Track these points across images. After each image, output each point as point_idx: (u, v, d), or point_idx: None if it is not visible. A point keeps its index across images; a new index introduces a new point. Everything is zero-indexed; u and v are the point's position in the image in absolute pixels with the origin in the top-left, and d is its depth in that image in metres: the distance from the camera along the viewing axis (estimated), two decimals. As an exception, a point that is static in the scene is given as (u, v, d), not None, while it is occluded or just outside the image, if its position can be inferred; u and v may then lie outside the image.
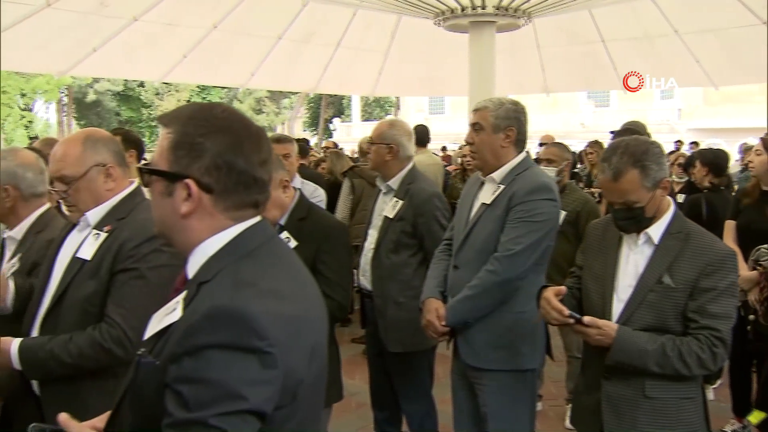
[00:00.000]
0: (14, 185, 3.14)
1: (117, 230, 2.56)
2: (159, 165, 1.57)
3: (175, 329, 1.47)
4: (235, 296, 1.44)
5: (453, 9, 10.06)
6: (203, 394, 1.36)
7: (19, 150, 3.36)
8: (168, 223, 1.61)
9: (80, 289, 2.53)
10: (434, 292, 3.53)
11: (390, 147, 4.09)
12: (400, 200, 4.06)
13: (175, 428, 1.36)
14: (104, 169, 2.64)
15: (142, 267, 2.50)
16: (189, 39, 12.33)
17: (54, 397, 2.50)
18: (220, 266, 1.53)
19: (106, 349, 2.44)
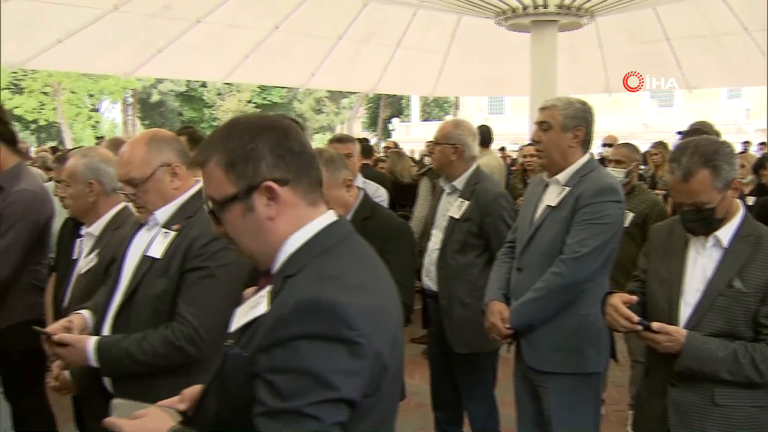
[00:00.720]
0: (98, 180, 3.25)
1: (185, 229, 2.59)
2: (223, 193, 1.57)
3: (263, 322, 1.49)
4: (323, 288, 1.47)
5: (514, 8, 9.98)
6: (296, 383, 1.39)
7: (97, 147, 3.46)
8: (259, 240, 1.60)
9: (151, 287, 2.56)
10: (497, 295, 3.48)
11: (455, 147, 4.06)
12: (465, 200, 4.03)
13: (269, 417, 1.40)
14: (170, 168, 2.67)
15: (211, 265, 2.52)
16: (251, 40, 12.48)
17: (127, 395, 2.52)
18: (304, 261, 1.55)
19: (179, 347, 2.48)
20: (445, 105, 51.81)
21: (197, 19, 11.42)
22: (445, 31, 13.79)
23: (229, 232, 1.61)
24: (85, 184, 3.25)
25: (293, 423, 1.38)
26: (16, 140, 4.04)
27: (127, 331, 2.55)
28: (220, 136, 1.60)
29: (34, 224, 3.93)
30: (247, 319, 1.56)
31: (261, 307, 1.54)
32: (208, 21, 11.48)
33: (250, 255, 1.63)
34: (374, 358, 1.47)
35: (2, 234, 3.85)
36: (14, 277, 3.93)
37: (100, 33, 10.81)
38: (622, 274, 4.58)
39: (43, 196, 4.02)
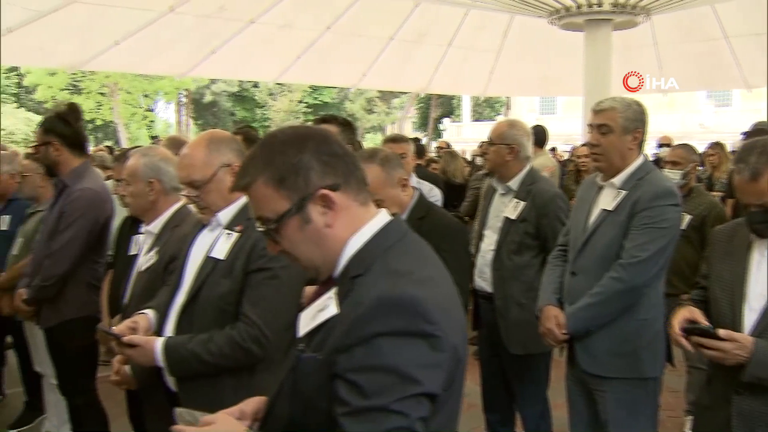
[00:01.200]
0: (158, 179, 3.31)
1: (248, 230, 2.61)
2: (276, 211, 1.57)
3: (336, 323, 1.50)
4: (398, 284, 1.48)
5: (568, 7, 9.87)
6: (380, 381, 1.39)
7: (157, 147, 3.52)
8: (320, 249, 1.61)
9: (215, 288, 2.59)
10: (551, 299, 3.44)
11: (511, 147, 4.03)
12: (521, 201, 3.99)
13: (355, 416, 1.39)
14: (230, 169, 2.69)
15: (275, 266, 2.54)
16: (303, 40, 12.55)
17: (191, 393, 2.58)
18: (370, 260, 1.57)
19: (245, 348, 2.50)
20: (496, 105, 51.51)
21: (251, 19, 11.53)
22: (497, 31, 13.70)
23: (288, 247, 1.61)
24: (145, 182, 3.31)
25: (380, 420, 1.38)
26: (80, 142, 4.15)
27: (190, 331, 2.58)
28: (260, 155, 1.60)
29: (94, 222, 4.03)
30: (317, 322, 1.56)
31: (330, 310, 1.55)
32: (262, 22, 11.58)
33: (312, 266, 1.63)
34: (451, 351, 1.49)
35: (62, 231, 3.97)
36: (71, 273, 4.03)
37: (156, 34, 10.99)
38: (679, 278, 4.49)
39: (104, 196, 4.13)
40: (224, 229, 2.68)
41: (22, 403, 5.50)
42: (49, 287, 4.02)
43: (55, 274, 4.00)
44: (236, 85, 48.78)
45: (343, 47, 12.96)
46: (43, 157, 4.15)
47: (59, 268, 3.99)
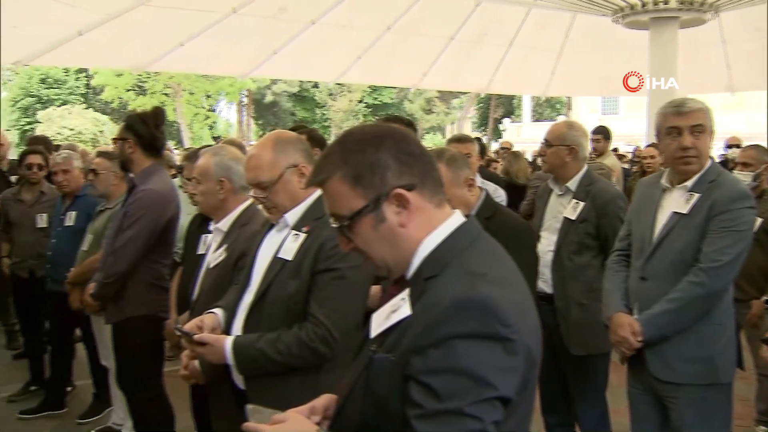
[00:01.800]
0: (228, 178, 3.37)
1: (315, 230, 2.63)
2: (351, 208, 1.56)
3: (410, 324, 1.49)
4: (473, 286, 1.46)
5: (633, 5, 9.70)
6: (454, 384, 1.38)
7: (226, 146, 3.59)
8: (393, 248, 1.60)
9: (283, 288, 2.61)
10: (621, 306, 3.34)
11: (570, 148, 3.99)
12: (580, 202, 3.96)
13: (428, 419, 1.38)
14: (297, 169, 2.71)
15: (342, 267, 2.55)
16: (363, 41, 12.61)
17: (259, 391, 2.60)
18: (444, 261, 1.55)
19: (313, 348, 2.52)
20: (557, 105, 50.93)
21: (311, 20, 11.63)
22: (559, 30, 13.54)
23: (361, 245, 1.60)
24: (216, 181, 3.37)
25: (454, 424, 1.37)
26: (155, 144, 4.26)
27: (258, 330, 2.61)
28: (337, 152, 1.59)
29: (155, 223, 4.11)
30: (390, 323, 1.56)
31: (403, 311, 1.54)
32: (322, 22, 11.67)
33: (385, 265, 1.62)
34: (525, 353, 1.47)
35: (124, 230, 4.06)
36: (131, 271, 4.12)
37: (218, 36, 11.17)
38: (749, 283, 4.37)
39: (168, 197, 4.21)
40: (292, 230, 2.69)
41: (91, 395, 5.64)
42: (110, 284, 4.11)
43: (116, 272, 4.09)
44: (297, 85, 49.20)
45: (403, 47, 12.97)
46: (119, 152, 4.29)
47: (119, 266, 4.08)
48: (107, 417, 5.33)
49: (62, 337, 5.69)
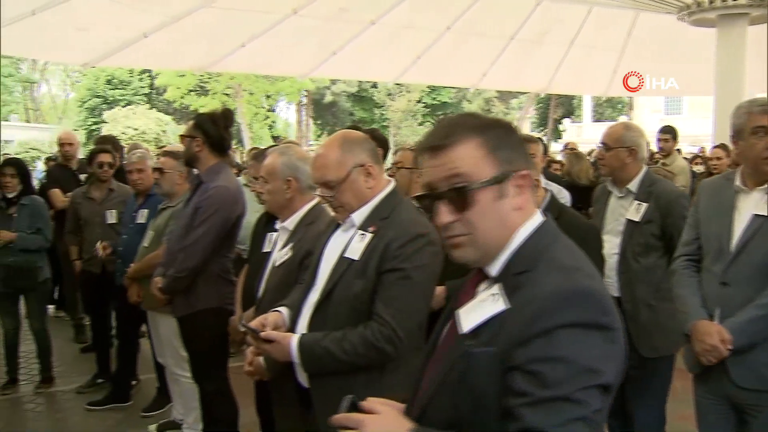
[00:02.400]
0: (296, 177, 3.42)
1: (381, 230, 2.64)
2: (479, 175, 1.58)
3: (509, 317, 1.51)
4: (573, 279, 1.52)
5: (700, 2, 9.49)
6: (561, 371, 1.41)
7: (293, 146, 3.65)
8: (499, 229, 1.61)
9: (348, 287, 2.63)
10: (703, 313, 3.21)
11: (630, 150, 3.96)
12: (643, 203, 3.92)
13: (536, 406, 1.41)
14: (363, 168, 2.72)
15: (407, 267, 2.56)
16: (422, 41, 12.60)
17: (323, 389, 2.63)
18: (534, 257, 1.59)
19: (378, 348, 2.53)
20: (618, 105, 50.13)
21: (371, 21, 11.66)
22: (621, 29, 13.32)
23: (473, 218, 1.59)
24: (283, 180, 3.42)
25: (561, 410, 1.40)
26: (221, 144, 4.36)
27: (323, 329, 2.63)
28: (470, 123, 1.63)
29: (226, 219, 4.22)
30: (483, 317, 1.57)
31: (497, 305, 1.56)
32: (382, 23, 11.69)
33: (483, 246, 1.62)
34: (621, 343, 1.52)
35: (197, 226, 4.17)
36: (203, 266, 4.23)
37: (279, 36, 11.28)
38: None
39: (237, 194, 4.32)
40: (358, 230, 2.71)
41: (155, 389, 5.78)
42: (183, 279, 4.23)
43: (188, 267, 4.20)
44: (355, 85, 49.38)
45: (462, 47, 12.92)
46: (185, 149, 4.39)
47: (192, 261, 4.19)
48: (170, 411, 5.44)
49: (128, 332, 5.84)
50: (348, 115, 52.01)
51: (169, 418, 5.37)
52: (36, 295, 6.25)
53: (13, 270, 6.00)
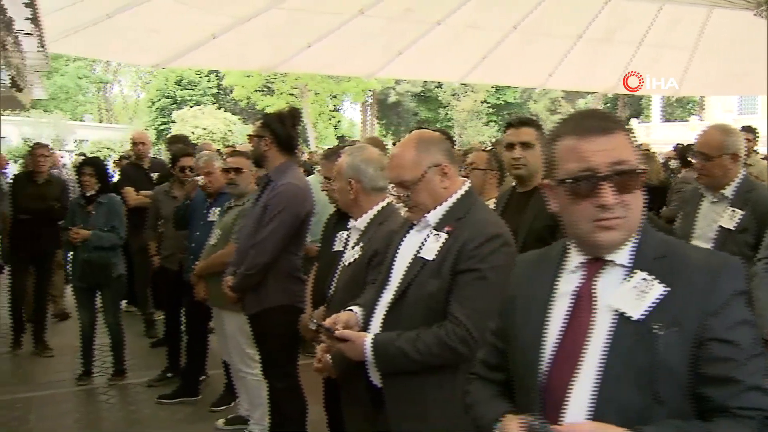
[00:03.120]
0: (356, 179, 3.44)
1: (457, 230, 2.64)
2: (636, 163, 1.71)
3: (675, 297, 1.65)
4: (718, 255, 1.89)
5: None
6: (750, 332, 1.64)
7: (365, 147, 3.67)
8: (640, 215, 1.75)
9: (423, 287, 2.64)
10: None
11: (734, 156, 3.83)
12: (738, 210, 3.78)
13: (744, 365, 1.59)
14: (439, 169, 2.73)
15: (483, 267, 2.56)
16: (489, 40, 12.48)
17: (395, 389, 2.66)
18: (658, 243, 1.76)
19: (452, 348, 2.53)
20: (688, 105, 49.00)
21: (437, 21, 11.61)
22: (692, 26, 12.98)
23: (630, 201, 1.71)
24: (346, 181, 3.44)
25: (760, 365, 1.60)
26: (289, 143, 4.42)
27: (397, 328, 2.64)
28: (614, 117, 1.81)
29: (295, 216, 4.28)
30: (650, 302, 1.66)
31: (656, 288, 1.67)
32: (448, 23, 11.62)
33: (630, 230, 1.73)
34: None
35: (267, 223, 4.23)
36: (273, 263, 4.29)
37: (345, 37, 11.32)
38: None
39: (306, 192, 4.38)
40: (433, 230, 2.71)
41: (223, 385, 5.88)
42: (253, 276, 4.29)
43: (259, 264, 4.27)
44: (420, 85, 49.35)
45: (529, 47, 12.76)
46: (254, 148, 4.47)
47: (262, 258, 4.26)
48: (238, 406, 5.53)
49: (197, 328, 5.96)
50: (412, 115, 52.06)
51: (237, 413, 5.46)
52: (111, 291, 6.45)
53: (89, 266, 6.21)
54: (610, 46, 13.30)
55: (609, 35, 12.94)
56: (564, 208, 1.76)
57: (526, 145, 3.77)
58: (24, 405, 5.97)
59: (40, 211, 7.14)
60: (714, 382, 1.57)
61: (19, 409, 5.89)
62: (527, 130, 3.82)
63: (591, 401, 1.64)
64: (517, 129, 3.86)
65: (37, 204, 7.14)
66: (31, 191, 7.19)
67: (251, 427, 5.16)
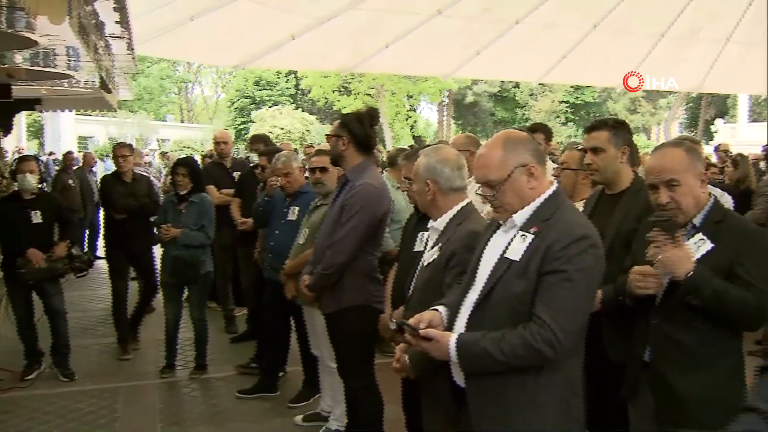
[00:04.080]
0: (433, 180, 3.43)
1: (543, 231, 2.62)
2: None
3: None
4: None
5: None
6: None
7: (441, 147, 3.68)
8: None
9: (508, 288, 2.62)
10: None
11: None
12: None
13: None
14: (526, 169, 2.71)
15: (570, 269, 2.52)
16: (568, 40, 12.31)
17: (479, 389, 2.65)
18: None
19: (537, 350, 2.50)
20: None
21: (516, 20, 11.51)
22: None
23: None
24: (423, 182, 3.44)
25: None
26: (367, 143, 4.45)
27: (482, 329, 2.63)
28: None
29: (372, 216, 4.29)
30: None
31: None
32: (526, 22, 11.51)
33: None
34: None
35: (344, 223, 4.27)
36: (350, 263, 4.31)
37: (423, 37, 11.33)
38: None
39: (383, 192, 4.39)
40: (519, 230, 2.69)
41: (301, 381, 5.97)
42: (330, 275, 4.33)
43: (336, 264, 4.30)
44: (497, 85, 48.99)
45: (609, 46, 12.52)
46: (332, 148, 4.53)
47: (339, 257, 4.29)
48: (316, 403, 5.61)
49: (279, 325, 6.05)
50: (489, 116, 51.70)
51: (315, 410, 5.53)
52: (198, 287, 6.62)
53: (179, 262, 6.40)
54: (694, 43, 12.95)
55: (693, 33, 12.60)
56: None
57: (597, 149, 3.72)
58: (111, 395, 6.18)
59: (133, 209, 7.30)
60: None
61: (107, 398, 6.10)
62: (596, 134, 3.76)
63: None
64: (588, 134, 3.83)
65: (129, 202, 7.31)
66: (121, 190, 7.36)
67: (330, 424, 5.21)
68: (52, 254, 6.40)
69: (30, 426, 5.52)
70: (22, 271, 6.24)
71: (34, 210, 6.45)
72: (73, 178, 12.61)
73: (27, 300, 6.57)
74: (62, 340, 6.65)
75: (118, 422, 5.61)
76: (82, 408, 5.88)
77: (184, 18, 9.23)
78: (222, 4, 9.15)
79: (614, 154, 3.68)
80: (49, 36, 4.59)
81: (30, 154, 17.49)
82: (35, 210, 6.45)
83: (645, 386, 3.00)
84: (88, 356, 7.32)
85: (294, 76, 49.21)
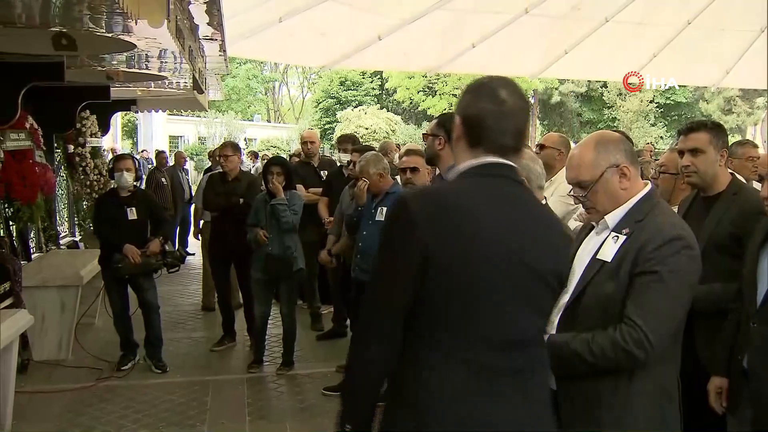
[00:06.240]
0: (527, 177, 3.40)
1: (636, 232, 2.59)
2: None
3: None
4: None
5: None
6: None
7: None
8: None
9: (600, 288, 2.60)
10: None
11: None
12: None
13: None
14: (618, 169, 2.68)
15: (662, 270, 2.48)
16: (660, 37, 12.01)
17: (570, 391, 2.63)
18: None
19: (627, 351, 2.47)
20: None
21: (605, 18, 11.29)
22: None
23: None
24: None
25: None
26: None
27: (572, 330, 2.62)
28: None
29: None
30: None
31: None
32: (617, 20, 11.28)
33: None
34: None
35: None
36: None
37: (510, 36, 11.23)
38: None
39: None
40: (612, 231, 2.67)
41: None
42: None
43: None
44: (584, 85, 48.12)
45: (703, 43, 12.15)
46: (428, 147, 4.54)
47: None
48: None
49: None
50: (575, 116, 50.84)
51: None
52: (289, 283, 6.74)
53: (272, 259, 6.53)
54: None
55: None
56: None
57: (696, 151, 3.64)
58: (201, 387, 6.35)
59: (223, 208, 7.46)
60: None
61: (197, 391, 6.27)
62: (695, 135, 3.67)
63: None
64: (685, 136, 3.73)
65: (218, 200, 7.49)
66: (220, 189, 7.52)
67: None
68: (147, 250, 6.62)
69: (126, 414, 5.73)
70: (119, 266, 6.48)
71: (130, 207, 6.69)
72: (165, 177, 13.03)
73: (122, 294, 6.81)
74: (155, 332, 6.86)
75: (208, 414, 5.76)
76: (174, 399, 6.07)
77: (273, 19, 9.41)
78: (310, 6, 9.29)
79: (714, 157, 3.61)
80: (146, 39, 4.75)
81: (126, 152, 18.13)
82: (131, 207, 6.70)
83: (743, 394, 2.92)
84: (179, 349, 7.55)
85: (379, 76, 49.48)
